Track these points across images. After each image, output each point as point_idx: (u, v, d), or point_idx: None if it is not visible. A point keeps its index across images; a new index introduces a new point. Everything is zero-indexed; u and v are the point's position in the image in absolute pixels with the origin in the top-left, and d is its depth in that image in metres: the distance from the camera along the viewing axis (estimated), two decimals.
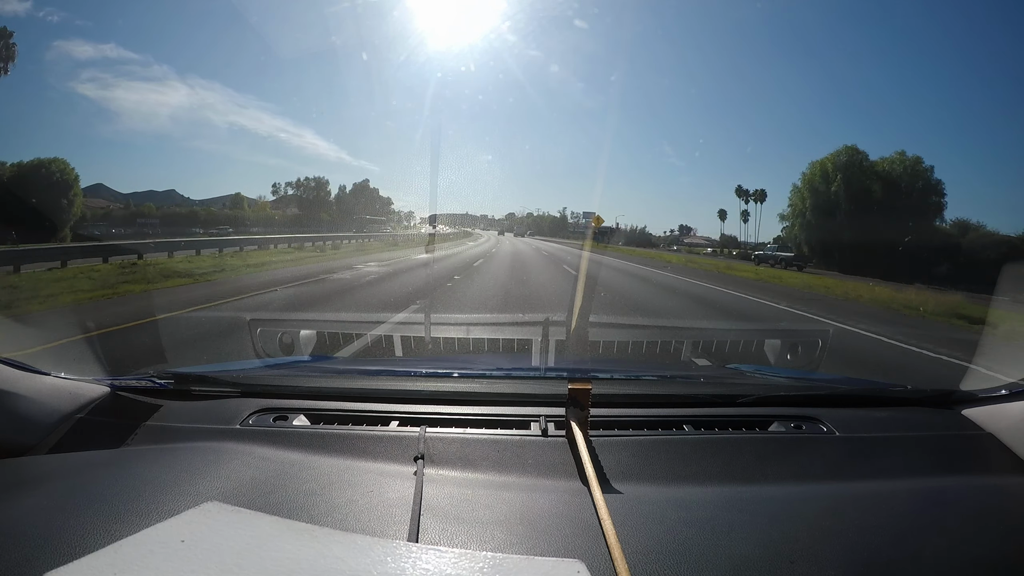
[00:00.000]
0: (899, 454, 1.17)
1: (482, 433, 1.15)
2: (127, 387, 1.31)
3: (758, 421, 1.27)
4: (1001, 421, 1.23)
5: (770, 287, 15.27)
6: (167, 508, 0.80)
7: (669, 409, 1.27)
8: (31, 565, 0.67)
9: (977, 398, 1.34)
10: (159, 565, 0.61)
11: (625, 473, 1.02)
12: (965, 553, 0.82)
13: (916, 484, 1.03)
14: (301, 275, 12.73)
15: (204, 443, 1.11)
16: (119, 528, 0.75)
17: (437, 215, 47.53)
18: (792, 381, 1.79)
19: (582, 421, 1.06)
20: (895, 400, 1.45)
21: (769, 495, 0.97)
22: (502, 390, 1.37)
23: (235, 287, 10.45)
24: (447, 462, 1.04)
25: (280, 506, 0.85)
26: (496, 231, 76.53)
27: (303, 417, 1.24)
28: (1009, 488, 1.07)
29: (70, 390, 1.20)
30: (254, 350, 2.41)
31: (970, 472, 1.10)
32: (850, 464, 1.12)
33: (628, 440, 1.13)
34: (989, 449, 1.19)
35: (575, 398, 1.07)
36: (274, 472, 0.97)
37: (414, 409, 1.24)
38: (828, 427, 1.24)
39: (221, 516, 0.73)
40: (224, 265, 14.59)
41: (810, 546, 0.80)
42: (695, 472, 1.04)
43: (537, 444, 1.11)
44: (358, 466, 1.01)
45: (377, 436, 1.14)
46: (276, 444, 1.09)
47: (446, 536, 0.81)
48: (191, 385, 1.36)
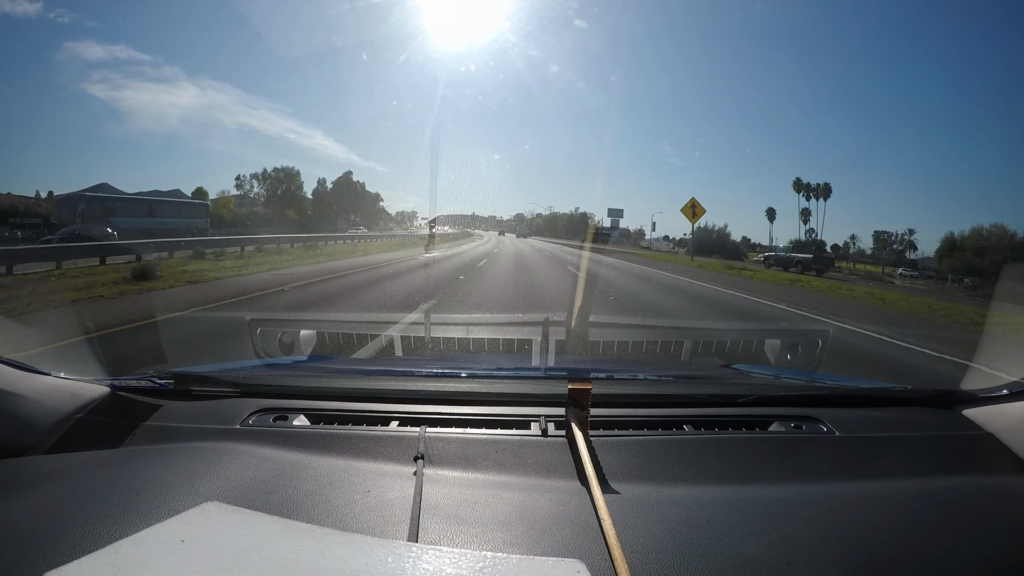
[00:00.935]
0: (899, 454, 1.17)
1: (482, 433, 1.15)
2: (127, 387, 1.31)
3: (758, 421, 1.27)
4: (1001, 421, 1.23)
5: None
6: (167, 508, 0.80)
7: (669, 409, 1.27)
8: (31, 565, 0.67)
9: (977, 398, 1.34)
10: (159, 565, 0.61)
11: (625, 473, 1.02)
12: (965, 553, 0.82)
13: (916, 484, 1.03)
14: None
15: (204, 443, 1.11)
16: (119, 528, 0.75)
17: (441, 216, 46.09)
18: (792, 381, 1.79)
19: (582, 421, 1.06)
20: (895, 400, 1.45)
21: (769, 495, 0.97)
22: (502, 390, 1.38)
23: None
24: (447, 462, 1.04)
25: (280, 506, 0.85)
26: (497, 232, 76.47)
27: (303, 417, 1.24)
28: (1009, 488, 1.06)
29: (70, 390, 1.20)
30: (254, 350, 2.41)
31: (970, 472, 1.10)
32: (850, 464, 1.12)
33: (628, 440, 1.13)
34: (989, 449, 1.19)
35: (575, 398, 1.07)
36: (274, 472, 0.97)
37: (414, 409, 1.24)
38: (828, 427, 1.24)
39: (221, 516, 0.73)
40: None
41: (810, 546, 0.80)
42: (695, 472, 1.04)
43: (537, 444, 1.11)
44: (358, 466, 1.01)
45: (377, 436, 1.14)
46: (276, 444, 1.09)
47: (446, 536, 0.81)
48: (191, 385, 1.36)
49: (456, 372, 1.59)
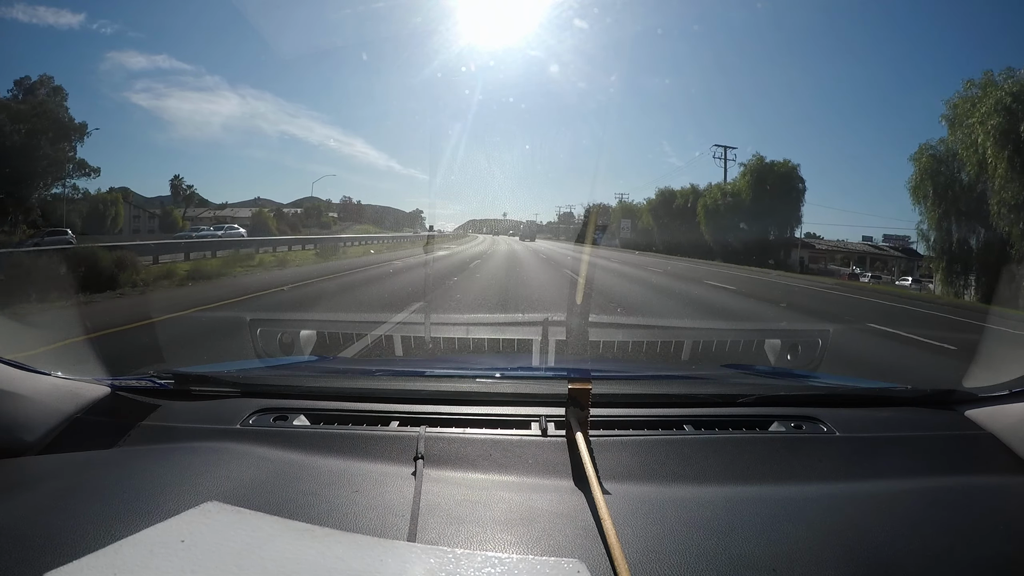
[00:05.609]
0: (899, 454, 1.17)
1: (482, 433, 1.15)
2: (127, 387, 1.31)
3: (758, 421, 1.27)
4: (1002, 421, 1.23)
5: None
6: (167, 508, 0.80)
7: (669, 409, 1.27)
8: (31, 565, 0.67)
9: (978, 398, 1.34)
10: (159, 565, 0.61)
11: (625, 473, 1.02)
12: (965, 553, 0.82)
13: (916, 484, 1.03)
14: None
15: (204, 443, 1.11)
16: (119, 528, 0.75)
17: (475, 220, 46.63)
18: (792, 381, 1.79)
19: (582, 421, 1.06)
20: (895, 400, 1.45)
21: (769, 495, 0.97)
22: (502, 390, 1.37)
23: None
24: (447, 462, 1.04)
25: (280, 506, 0.85)
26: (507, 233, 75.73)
27: (303, 417, 1.24)
28: (1010, 488, 1.06)
29: (70, 390, 1.20)
30: (254, 350, 2.42)
31: (970, 472, 1.10)
32: (850, 464, 1.12)
33: (628, 440, 1.13)
34: (990, 449, 1.19)
35: (575, 398, 1.07)
36: (274, 472, 0.97)
37: (414, 409, 1.24)
38: (828, 427, 1.23)
39: (221, 516, 0.73)
40: None
41: (810, 546, 0.80)
42: (695, 472, 1.04)
43: (537, 444, 1.11)
44: (358, 466, 1.01)
45: (377, 436, 1.14)
46: (276, 444, 1.09)
47: (446, 536, 0.81)
48: (191, 385, 1.36)
49: (456, 372, 1.59)
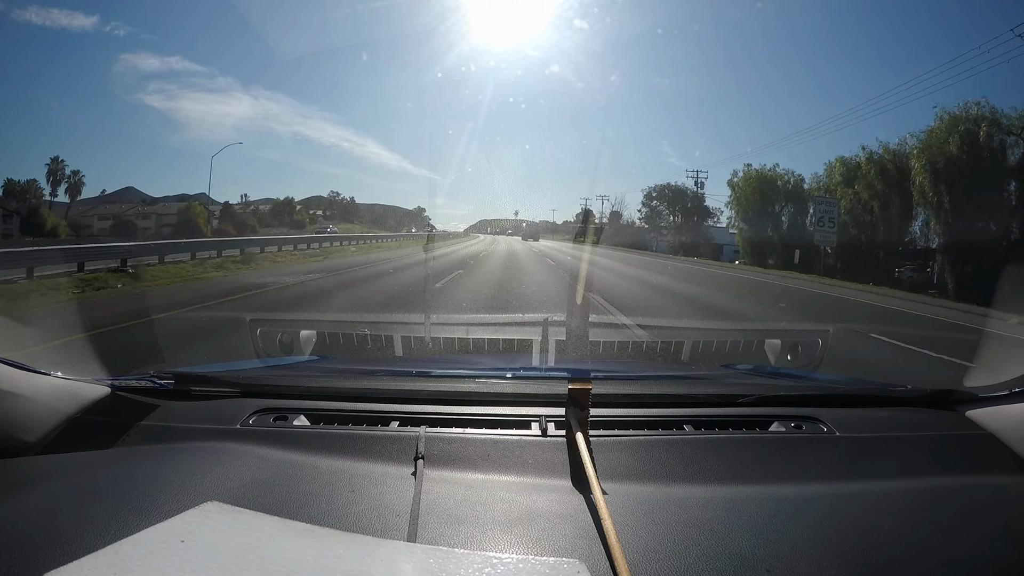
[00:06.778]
0: (899, 454, 1.17)
1: (482, 433, 1.15)
2: (127, 387, 1.31)
3: (758, 421, 1.27)
4: (1002, 421, 1.23)
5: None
6: (167, 508, 0.80)
7: (669, 409, 1.27)
8: (31, 565, 0.67)
9: (978, 398, 1.34)
10: (159, 565, 0.61)
11: (625, 473, 1.02)
12: (965, 553, 0.82)
13: (916, 484, 1.03)
14: None
15: (204, 443, 1.11)
16: (119, 528, 0.75)
17: (483, 220, 47.01)
18: (792, 381, 1.79)
19: (582, 421, 1.06)
20: (895, 400, 1.45)
21: (769, 495, 0.97)
22: (502, 390, 1.37)
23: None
24: (447, 462, 1.04)
25: (280, 506, 0.85)
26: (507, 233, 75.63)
27: (303, 417, 1.24)
28: (1010, 488, 1.06)
29: (70, 390, 1.20)
30: (254, 350, 2.42)
31: (970, 472, 1.10)
32: (850, 464, 1.12)
33: (628, 440, 1.13)
34: (990, 449, 1.19)
35: (575, 398, 1.07)
36: (274, 472, 0.97)
37: (414, 409, 1.24)
38: (828, 427, 1.23)
39: (221, 516, 0.73)
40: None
41: (810, 546, 0.80)
42: (695, 472, 1.04)
43: (537, 444, 1.11)
44: (358, 466, 1.01)
45: (377, 436, 1.14)
46: (276, 444, 1.09)
47: (446, 536, 0.81)
48: (191, 385, 1.36)
49: (456, 372, 1.59)
